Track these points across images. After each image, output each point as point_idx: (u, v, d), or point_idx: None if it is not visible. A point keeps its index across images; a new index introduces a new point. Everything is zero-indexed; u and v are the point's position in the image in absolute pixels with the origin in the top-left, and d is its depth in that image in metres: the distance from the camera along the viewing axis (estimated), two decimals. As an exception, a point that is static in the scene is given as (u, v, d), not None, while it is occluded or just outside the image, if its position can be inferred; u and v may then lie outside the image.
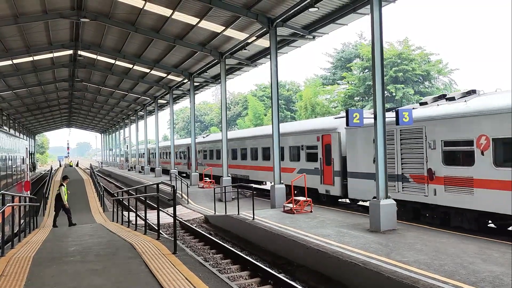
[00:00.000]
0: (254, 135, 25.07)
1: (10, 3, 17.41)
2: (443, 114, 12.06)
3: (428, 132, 12.37)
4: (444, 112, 12.08)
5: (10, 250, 9.51)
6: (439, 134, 12.03)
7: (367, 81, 53.44)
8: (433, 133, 12.21)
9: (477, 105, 11.18)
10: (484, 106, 10.88)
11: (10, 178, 15.53)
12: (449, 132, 11.72)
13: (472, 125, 11.00)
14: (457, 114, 11.57)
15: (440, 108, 12.45)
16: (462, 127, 11.34)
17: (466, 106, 11.48)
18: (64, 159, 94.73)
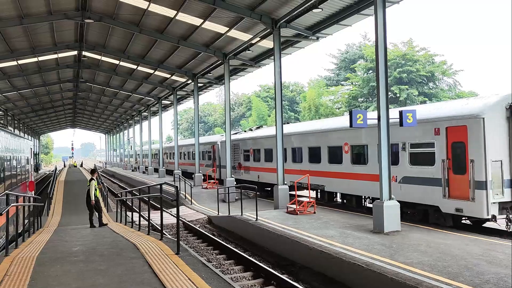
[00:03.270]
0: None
1: (15, 4, 17.50)
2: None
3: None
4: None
5: (14, 250, 9.56)
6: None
7: (371, 82, 53.32)
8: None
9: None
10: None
11: (15, 178, 15.60)
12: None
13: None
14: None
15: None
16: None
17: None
18: (69, 159, 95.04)
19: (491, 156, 11.19)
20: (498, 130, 11.34)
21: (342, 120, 18.01)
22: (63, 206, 23.08)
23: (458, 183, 11.83)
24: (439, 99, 51.47)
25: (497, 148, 11.30)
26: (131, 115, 56.78)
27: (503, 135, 11.39)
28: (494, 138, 11.27)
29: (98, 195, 14.59)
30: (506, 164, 11.34)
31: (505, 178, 11.31)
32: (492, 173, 11.17)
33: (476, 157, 11.33)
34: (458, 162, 11.85)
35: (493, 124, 11.28)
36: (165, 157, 46.89)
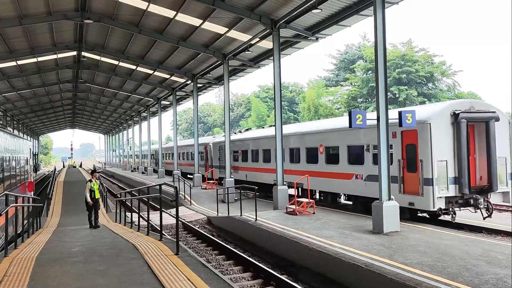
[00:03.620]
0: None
1: (14, 5, 17.50)
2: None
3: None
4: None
5: (13, 251, 9.55)
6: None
7: (370, 82, 53.36)
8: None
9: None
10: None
11: (14, 178, 15.59)
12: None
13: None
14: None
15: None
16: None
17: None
18: (68, 160, 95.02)
19: (437, 157, 12.61)
20: (443, 133, 12.75)
21: (317, 124, 20.59)
22: (62, 206, 23.07)
23: (410, 180, 13.21)
24: (438, 99, 51.52)
25: (443, 149, 12.70)
26: (131, 116, 56.77)
27: (448, 138, 12.80)
28: (440, 141, 12.69)
29: (97, 195, 14.30)
30: (451, 163, 12.75)
31: (450, 176, 12.72)
32: (438, 171, 12.59)
33: (424, 157, 12.80)
34: (411, 161, 13.27)
35: (439, 128, 12.71)
36: (163, 158, 46.84)
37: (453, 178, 12.82)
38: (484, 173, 13.28)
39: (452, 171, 12.77)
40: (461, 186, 12.77)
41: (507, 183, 13.65)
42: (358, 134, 15.44)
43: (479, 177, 13.37)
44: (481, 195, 13.10)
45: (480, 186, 13.27)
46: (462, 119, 12.68)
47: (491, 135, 13.02)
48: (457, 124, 12.78)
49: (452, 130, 12.91)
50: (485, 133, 13.21)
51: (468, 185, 12.76)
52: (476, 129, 13.47)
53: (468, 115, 12.87)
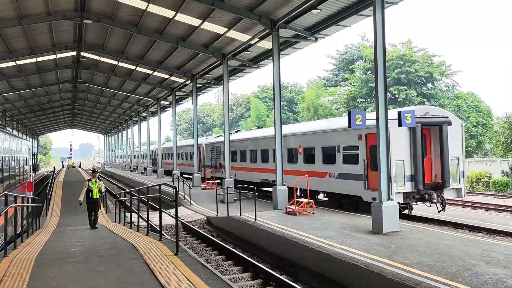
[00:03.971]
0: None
1: (14, 5, 17.49)
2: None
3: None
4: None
5: (13, 251, 9.54)
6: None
7: (369, 82, 53.38)
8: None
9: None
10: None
11: (13, 179, 15.57)
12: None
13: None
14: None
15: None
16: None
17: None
18: (67, 160, 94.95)
19: (395, 157, 13.87)
20: (401, 136, 14.12)
21: (297, 127, 22.78)
22: (61, 207, 23.06)
23: (373, 177, 14.38)
24: (437, 99, 51.58)
25: (400, 150, 14.08)
26: (130, 116, 56.74)
27: (405, 140, 14.19)
28: (398, 143, 14.04)
29: (96, 195, 14.02)
30: (408, 163, 14.17)
31: (407, 174, 14.15)
32: (396, 170, 13.92)
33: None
34: (374, 161, 14.31)
35: (397, 132, 13.87)
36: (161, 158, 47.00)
37: (410, 176, 14.19)
38: (439, 171, 14.71)
39: (408, 169, 14.15)
40: (416, 183, 14.14)
41: (460, 180, 15.04)
42: (331, 136, 17.01)
43: (434, 175, 14.84)
44: (436, 191, 14.54)
45: (434, 183, 14.70)
46: (417, 123, 13.57)
47: (444, 138, 14.43)
48: (412, 128, 13.96)
49: (409, 133, 14.23)
50: (439, 136, 14.59)
51: (422, 182, 14.16)
52: (432, 132, 14.90)
53: (422, 120, 14.21)
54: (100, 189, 14.09)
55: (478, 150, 49.78)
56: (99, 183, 14.21)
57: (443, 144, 14.52)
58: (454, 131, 14.92)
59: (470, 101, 50.62)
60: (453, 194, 15.37)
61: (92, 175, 14.46)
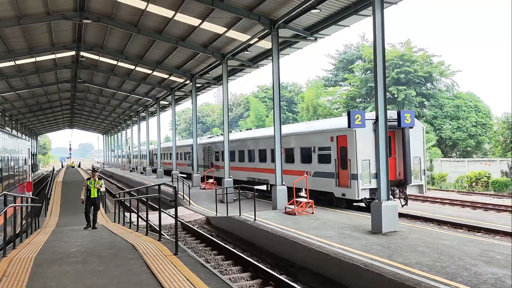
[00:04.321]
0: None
1: (13, 5, 17.47)
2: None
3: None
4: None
5: (12, 251, 9.53)
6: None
7: (369, 82, 53.37)
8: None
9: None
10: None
11: (12, 179, 15.56)
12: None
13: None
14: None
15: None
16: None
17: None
18: (66, 160, 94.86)
19: (361, 157, 15.44)
20: (366, 138, 15.35)
21: (282, 128, 23.55)
22: (61, 206, 23.04)
23: (343, 175, 16.10)
24: (437, 99, 51.59)
25: (366, 151, 15.37)
26: (129, 116, 56.71)
27: (370, 142, 15.18)
28: (364, 144, 15.43)
29: (94, 194, 13.81)
30: (373, 162, 15.17)
31: (372, 172, 15.39)
32: (362, 168, 15.46)
33: (352, 157, 15.67)
34: (343, 160, 16.09)
35: (363, 134, 15.30)
36: (155, 158, 47.62)
37: (375, 174, 14.85)
38: (402, 169, 16.17)
39: (373, 168, 15.13)
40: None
41: (421, 177, 16.48)
42: (308, 138, 18.36)
43: (398, 173, 16.26)
44: (399, 187, 16.02)
45: (398, 180, 16.15)
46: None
47: (406, 139, 15.89)
48: (376, 130, 14.05)
49: (374, 135, 14.66)
50: (402, 138, 16.01)
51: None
52: (396, 134, 16.27)
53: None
54: (98, 188, 13.88)
55: (478, 150, 49.82)
56: (99, 182, 13.99)
57: (405, 145, 15.96)
58: (416, 133, 16.31)
59: (469, 101, 50.67)
60: (416, 190, 16.73)
61: (92, 174, 14.27)
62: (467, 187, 28.46)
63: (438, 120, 50.18)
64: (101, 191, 14.14)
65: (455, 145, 49.85)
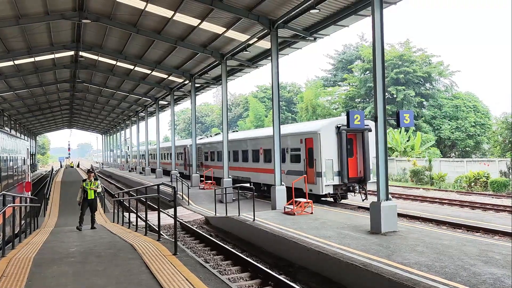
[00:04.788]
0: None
1: (12, 5, 17.44)
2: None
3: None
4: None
5: (11, 251, 9.52)
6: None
7: (368, 82, 53.41)
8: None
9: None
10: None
11: (11, 179, 15.55)
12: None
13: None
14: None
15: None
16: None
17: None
18: (65, 160, 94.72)
19: (325, 157, 17.63)
20: (330, 141, 17.74)
21: (259, 131, 27.79)
22: (60, 207, 23.01)
23: (310, 173, 18.07)
24: (435, 100, 51.64)
25: (330, 152, 17.70)
26: (128, 116, 56.67)
27: (333, 144, 17.76)
28: (327, 145, 17.68)
29: (91, 196, 13.56)
30: (336, 161, 17.79)
31: (335, 170, 17.77)
32: (326, 167, 17.63)
33: (317, 157, 17.83)
34: (310, 160, 18.11)
35: (327, 137, 17.70)
36: (151, 158, 49.07)
37: (337, 172, 17.78)
38: (362, 168, 18.26)
39: (336, 167, 17.76)
40: (342, 177, 17.84)
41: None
42: (283, 139, 19.24)
43: (359, 171, 18.30)
44: (359, 184, 18.22)
45: (358, 177, 18.22)
46: (342, 130, 17.75)
47: (365, 141, 18.03)
48: (339, 134, 17.83)
49: (336, 138, 17.81)
50: (362, 140, 18.15)
51: (347, 176, 17.83)
52: (357, 137, 18.40)
53: (347, 127, 16.63)
54: (95, 190, 13.61)
55: (476, 150, 49.90)
56: (95, 183, 13.74)
57: (364, 147, 18.03)
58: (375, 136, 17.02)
59: (468, 101, 50.76)
60: (375, 187, 16.46)
61: (88, 175, 13.97)
62: (466, 187, 28.48)
63: (437, 120, 50.27)
64: (98, 192, 13.89)
65: (454, 145, 49.92)
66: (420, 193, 27.06)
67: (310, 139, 18.16)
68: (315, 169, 17.79)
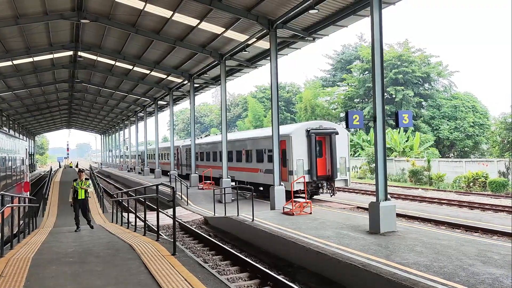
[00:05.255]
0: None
1: (11, 4, 17.42)
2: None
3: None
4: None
5: (9, 251, 9.50)
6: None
7: (367, 83, 53.46)
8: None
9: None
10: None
11: (10, 179, 15.52)
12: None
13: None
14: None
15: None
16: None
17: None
18: (64, 160, 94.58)
19: (296, 157, 19.66)
20: (300, 143, 19.79)
21: (242, 134, 29.94)
22: (58, 207, 22.97)
23: (283, 172, 19.49)
24: (434, 100, 51.68)
25: (300, 153, 19.71)
26: (127, 116, 56.62)
27: (304, 146, 19.81)
28: (298, 147, 19.72)
29: (82, 196, 13.27)
30: (306, 161, 19.78)
31: (305, 169, 19.68)
32: (296, 166, 19.58)
33: (289, 157, 19.83)
34: (284, 160, 19.81)
35: (297, 139, 19.80)
36: (150, 158, 49.57)
37: (307, 170, 19.75)
38: (330, 167, 20.22)
39: (306, 166, 19.75)
40: (311, 175, 19.73)
41: (346, 173, 20.57)
42: (261, 142, 22.08)
43: (328, 170, 20.17)
44: (327, 181, 20.03)
45: (326, 175, 20.05)
46: (312, 133, 19.79)
47: (332, 143, 20.12)
48: (309, 137, 19.80)
49: (307, 140, 19.86)
50: (329, 142, 20.15)
51: (315, 174, 19.71)
52: (326, 139, 20.36)
53: (316, 131, 19.87)
54: (86, 189, 13.33)
55: (475, 151, 49.94)
56: (86, 183, 13.37)
57: (332, 148, 20.10)
58: (342, 138, 20.52)
59: (467, 101, 50.82)
60: (342, 184, 20.73)
61: (78, 175, 13.55)
62: (465, 187, 28.50)
63: (436, 120, 50.32)
64: (89, 191, 13.59)
65: (452, 145, 49.99)
66: (419, 193, 27.09)
67: (283, 141, 19.63)
68: (287, 168, 19.73)
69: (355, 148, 47.41)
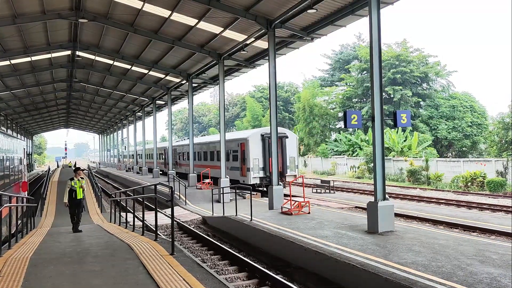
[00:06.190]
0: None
1: (8, 4, 17.36)
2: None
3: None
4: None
5: (7, 251, 9.48)
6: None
7: (365, 82, 53.50)
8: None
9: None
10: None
11: (8, 178, 15.49)
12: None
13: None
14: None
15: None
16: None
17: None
18: (62, 159, 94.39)
19: (253, 156, 23.96)
20: (256, 145, 24.20)
21: (214, 137, 33.01)
22: (56, 206, 22.94)
23: (243, 169, 24.45)
24: (432, 100, 51.75)
25: (256, 153, 24.09)
26: (125, 115, 56.54)
27: (259, 147, 24.20)
28: (255, 148, 24.10)
29: (80, 195, 12.95)
30: (261, 160, 24.13)
31: (260, 166, 24.07)
32: (253, 164, 23.88)
33: (247, 157, 24.06)
34: (243, 159, 24.29)
35: (254, 142, 24.19)
36: (147, 158, 50.54)
37: (262, 167, 24.09)
38: (281, 165, 23.64)
39: (261, 163, 24.10)
40: (265, 172, 24.02)
41: (295, 170, 24.87)
42: (227, 144, 24.62)
43: (279, 167, 21.49)
44: (280, 177, 21.07)
45: (278, 171, 21.18)
46: (266, 137, 23.81)
47: (283, 145, 24.26)
48: (263, 140, 24.20)
49: (262, 143, 24.27)
50: (281, 144, 23.67)
51: (269, 171, 22.91)
52: (279, 142, 22.71)
53: (269, 135, 20.21)
54: (83, 188, 12.96)
55: (473, 150, 50.04)
56: (82, 181, 12.92)
57: (283, 149, 24.09)
58: (292, 141, 24.90)
59: (465, 101, 50.92)
60: (292, 178, 24.34)
61: (75, 173, 12.97)
62: (463, 187, 28.57)
63: (434, 120, 50.41)
64: (84, 188, 13.13)
65: (450, 145, 50.08)
66: (417, 193, 27.14)
67: (243, 143, 24.53)
68: (246, 165, 23.82)
69: (353, 148, 47.50)
